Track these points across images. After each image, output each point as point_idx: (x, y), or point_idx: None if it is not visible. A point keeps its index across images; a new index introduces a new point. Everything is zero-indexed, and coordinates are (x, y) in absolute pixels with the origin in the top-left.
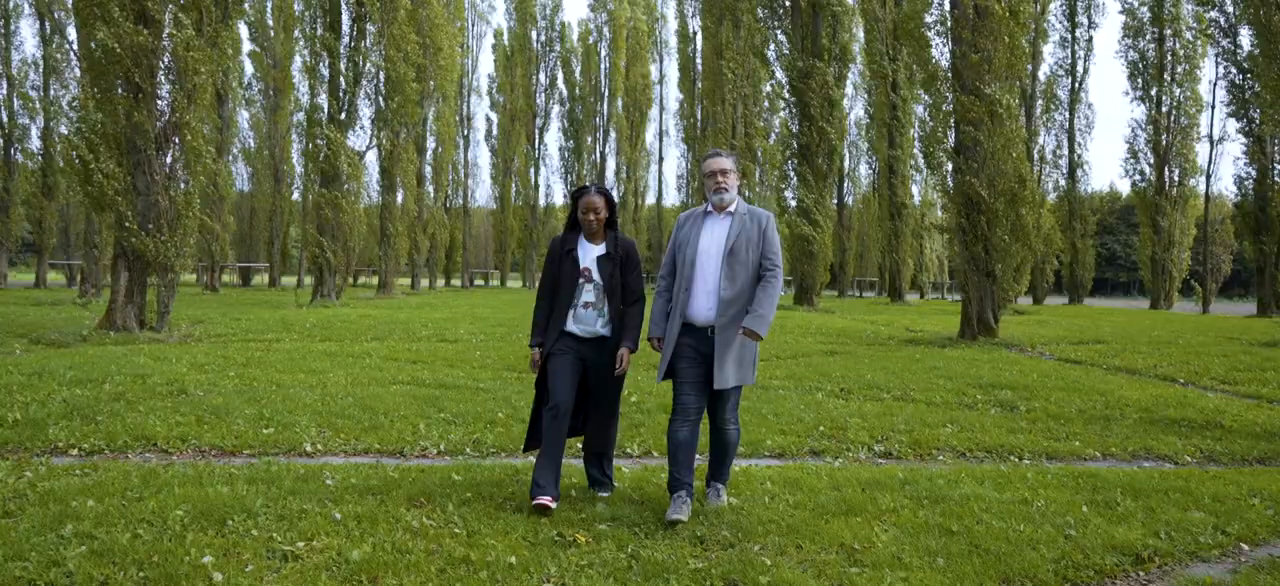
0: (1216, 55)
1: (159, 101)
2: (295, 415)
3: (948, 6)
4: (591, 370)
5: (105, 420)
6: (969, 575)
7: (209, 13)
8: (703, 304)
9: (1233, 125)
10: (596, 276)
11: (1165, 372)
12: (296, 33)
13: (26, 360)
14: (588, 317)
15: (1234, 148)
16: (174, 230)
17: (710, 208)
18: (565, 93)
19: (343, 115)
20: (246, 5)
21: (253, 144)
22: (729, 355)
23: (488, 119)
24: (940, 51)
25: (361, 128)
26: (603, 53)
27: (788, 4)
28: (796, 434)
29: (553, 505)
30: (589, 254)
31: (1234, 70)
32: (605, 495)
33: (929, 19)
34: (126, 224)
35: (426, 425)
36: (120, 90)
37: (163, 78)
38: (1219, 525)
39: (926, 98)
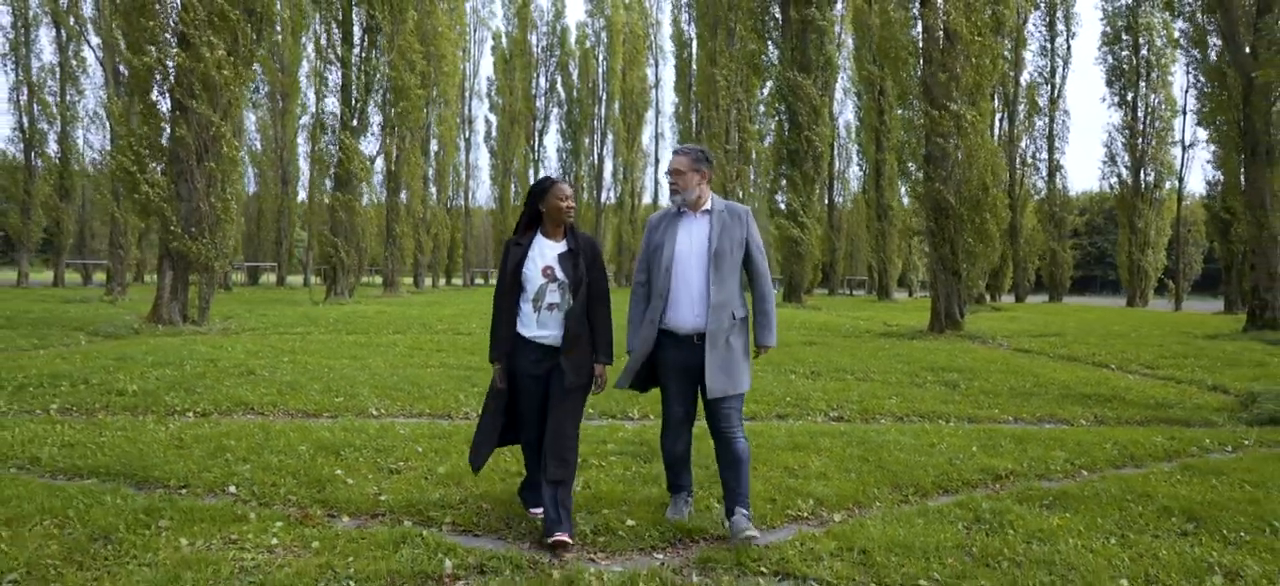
0: (1187, 64)
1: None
2: (356, 388)
3: (919, 29)
4: (553, 381)
5: (203, 391)
6: (870, 482)
7: (244, 35)
8: (688, 312)
9: (1203, 132)
10: (560, 275)
11: (1100, 360)
12: (304, 39)
13: (104, 348)
14: (553, 321)
15: (1205, 152)
16: (213, 233)
17: (682, 207)
18: (564, 96)
19: (355, 122)
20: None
21: (259, 146)
22: (722, 361)
23: (487, 121)
24: (915, 69)
25: (372, 134)
26: (600, 56)
27: (778, 16)
28: (766, 404)
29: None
30: (550, 252)
31: (1203, 79)
32: (565, 537)
33: (904, 39)
34: (171, 228)
35: (465, 395)
36: (167, 108)
37: (200, 93)
38: (1070, 459)
39: (902, 113)
